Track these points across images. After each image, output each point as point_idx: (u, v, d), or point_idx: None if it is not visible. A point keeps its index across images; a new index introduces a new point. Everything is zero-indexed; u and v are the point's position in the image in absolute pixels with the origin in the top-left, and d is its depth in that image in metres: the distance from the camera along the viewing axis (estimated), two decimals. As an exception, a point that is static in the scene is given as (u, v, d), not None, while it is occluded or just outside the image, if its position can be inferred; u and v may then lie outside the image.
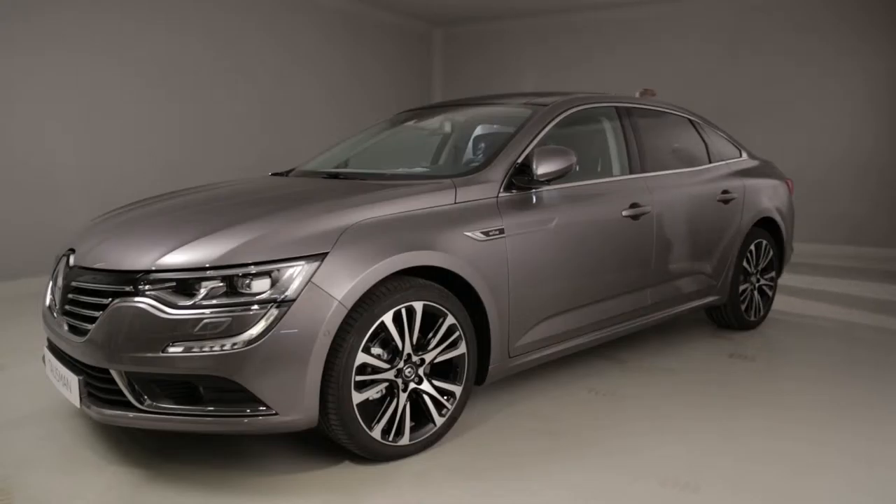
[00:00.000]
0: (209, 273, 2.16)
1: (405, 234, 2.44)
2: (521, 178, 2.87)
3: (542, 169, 2.80)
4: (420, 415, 2.50)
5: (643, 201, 3.38)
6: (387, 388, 2.39)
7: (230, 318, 2.11)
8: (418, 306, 2.41)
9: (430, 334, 2.48)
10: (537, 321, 2.90)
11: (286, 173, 3.59)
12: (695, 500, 2.19)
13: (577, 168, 3.05)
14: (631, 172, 3.48)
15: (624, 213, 3.28)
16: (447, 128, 3.91)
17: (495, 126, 3.56)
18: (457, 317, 2.53)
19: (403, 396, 2.42)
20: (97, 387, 2.30)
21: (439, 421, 2.53)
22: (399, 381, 2.40)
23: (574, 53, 8.62)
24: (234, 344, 2.10)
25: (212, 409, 2.17)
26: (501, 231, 2.70)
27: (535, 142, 3.01)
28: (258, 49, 7.02)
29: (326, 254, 2.23)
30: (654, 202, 3.44)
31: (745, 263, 4.15)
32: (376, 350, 2.36)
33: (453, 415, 2.58)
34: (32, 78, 5.24)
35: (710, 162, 4.09)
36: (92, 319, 2.27)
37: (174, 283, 2.17)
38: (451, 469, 2.39)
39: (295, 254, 2.20)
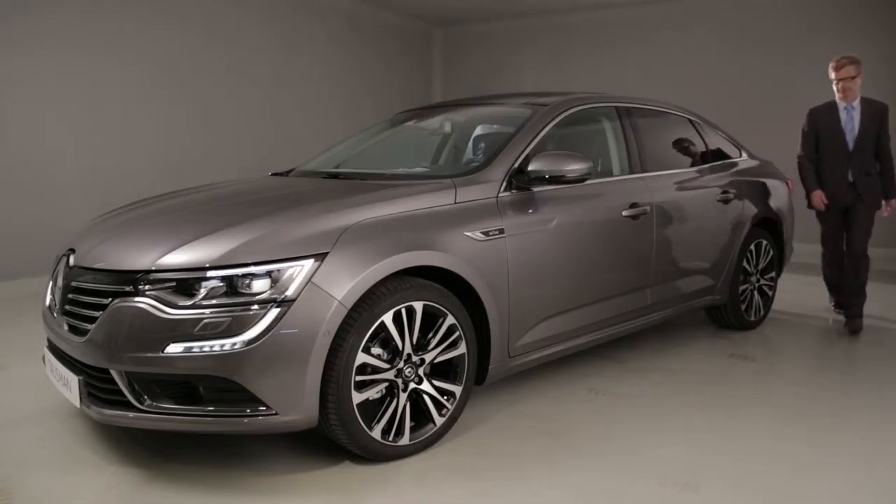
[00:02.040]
0: (209, 273, 2.16)
1: (405, 234, 2.43)
2: (520, 177, 2.87)
3: (567, 166, 2.80)
4: (420, 415, 2.50)
5: (643, 201, 3.38)
6: (387, 388, 2.39)
7: (230, 318, 2.11)
8: (418, 306, 2.41)
9: (430, 334, 2.48)
10: (537, 321, 2.90)
11: (286, 173, 3.59)
12: (695, 500, 2.19)
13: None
14: (631, 172, 3.48)
15: (624, 213, 3.28)
16: (447, 128, 3.91)
17: (495, 126, 3.56)
18: (457, 317, 2.53)
19: (403, 396, 2.42)
20: (97, 387, 2.30)
21: (439, 421, 2.53)
22: (399, 381, 2.40)
23: (574, 53, 8.61)
24: (234, 344, 2.10)
25: (212, 409, 2.17)
26: (501, 231, 2.70)
27: (535, 142, 3.01)
28: (259, 49, 7.01)
29: (326, 254, 2.23)
30: (654, 202, 3.44)
31: (745, 263, 4.15)
32: (376, 350, 2.36)
33: (453, 415, 2.58)
34: (32, 78, 5.23)
35: (710, 162, 4.09)
36: (92, 319, 2.27)
37: (174, 283, 2.17)
38: (451, 469, 2.39)
39: (295, 254, 2.20)
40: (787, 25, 7.35)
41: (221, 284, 2.15)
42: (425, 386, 2.48)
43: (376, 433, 2.34)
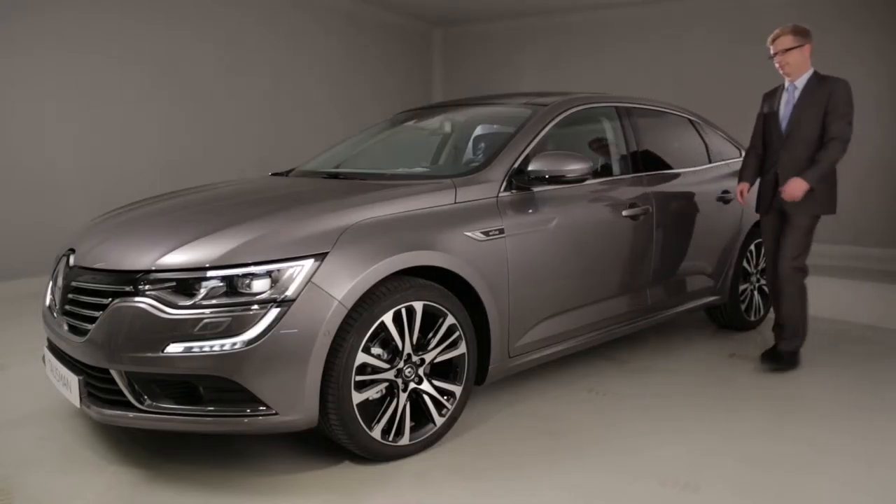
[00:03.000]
0: (209, 273, 2.16)
1: (405, 234, 2.44)
2: (520, 177, 2.87)
3: (567, 166, 2.80)
4: (420, 415, 2.50)
5: (643, 201, 3.38)
6: (387, 388, 2.39)
7: (230, 318, 2.11)
8: (418, 306, 2.41)
9: (430, 334, 2.48)
10: (537, 321, 2.90)
11: (286, 173, 3.59)
12: (695, 500, 2.19)
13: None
14: (631, 172, 3.48)
15: (624, 213, 3.28)
16: (447, 128, 3.92)
17: (495, 126, 3.56)
18: (457, 317, 2.52)
19: (403, 396, 2.42)
20: (97, 387, 2.30)
21: (439, 421, 2.53)
22: (399, 381, 2.40)
23: (574, 53, 8.62)
24: (234, 344, 2.10)
25: (212, 409, 2.17)
26: (501, 231, 2.70)
27: (535, 142, 3.01)
28: (259, 49, 7.01)
29: (326, 254, 2.23)
30: (654, 202, 3.44)
31: (745, 263, 4.15)
32: (376, 350, 2.36)
33: (453, 415, 2.58)
34: (32, 78, 5.24)
35: (710, 162, 4.10)
36: (92, 319, 2.27)
37: (174, 283, 2.17)
38: (451, 469, 2.39)
39: (295, 254, 2.20)
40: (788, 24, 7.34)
41: (221, 284, 2.15)
42: (425, 386, 2.48)
43: (376, 433, 2.34)
